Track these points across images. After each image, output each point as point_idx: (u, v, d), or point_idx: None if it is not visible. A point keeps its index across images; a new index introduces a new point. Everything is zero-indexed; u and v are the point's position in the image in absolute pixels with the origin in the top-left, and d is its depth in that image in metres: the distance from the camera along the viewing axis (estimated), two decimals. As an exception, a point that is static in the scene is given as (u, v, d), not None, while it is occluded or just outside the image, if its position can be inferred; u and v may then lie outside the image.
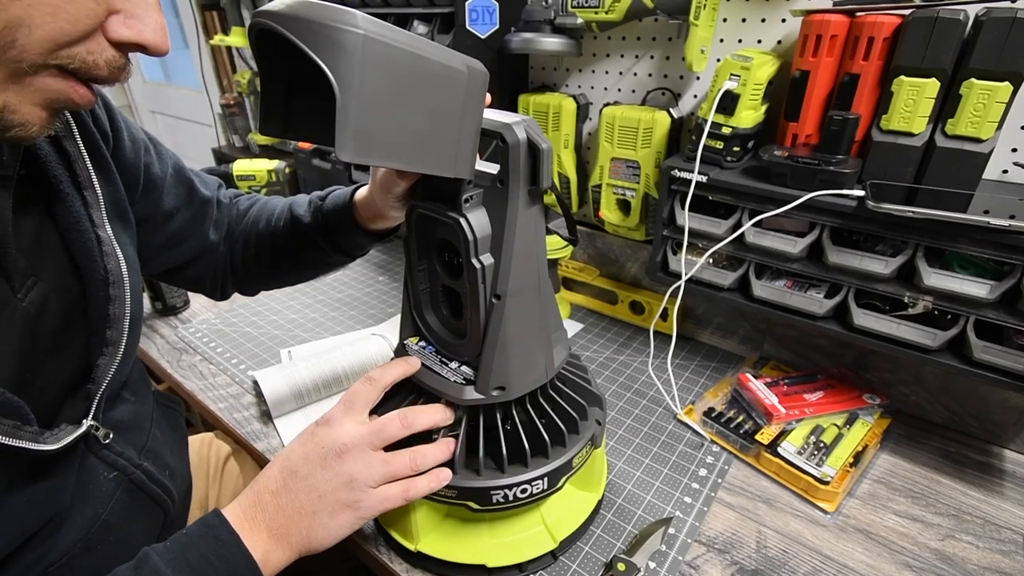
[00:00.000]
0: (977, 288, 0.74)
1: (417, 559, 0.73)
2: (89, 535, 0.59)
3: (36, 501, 0.53)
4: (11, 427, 0.48)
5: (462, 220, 0.58)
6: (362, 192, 0.76)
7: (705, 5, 0.88)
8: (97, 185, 0.59)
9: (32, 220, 0.55)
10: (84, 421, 0.58)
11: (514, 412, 0.69)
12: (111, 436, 0.62)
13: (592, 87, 1.18)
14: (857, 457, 0.86)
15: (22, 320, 0.52)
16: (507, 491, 0.66)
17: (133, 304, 0.61)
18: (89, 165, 0.58)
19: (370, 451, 0.60)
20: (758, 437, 0.89)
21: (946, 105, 0.74)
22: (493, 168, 0.58)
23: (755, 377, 0.99)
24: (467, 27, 1.09)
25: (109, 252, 0.59)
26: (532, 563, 0.72)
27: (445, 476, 0.63)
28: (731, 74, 0.85)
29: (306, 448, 0.59)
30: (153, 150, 0.75)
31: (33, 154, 0.54)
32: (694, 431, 0.95)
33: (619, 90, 1.14)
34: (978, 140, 0.72)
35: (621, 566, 0.71)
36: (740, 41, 0.97)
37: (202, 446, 0.97)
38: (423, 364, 0.69)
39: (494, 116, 0.57)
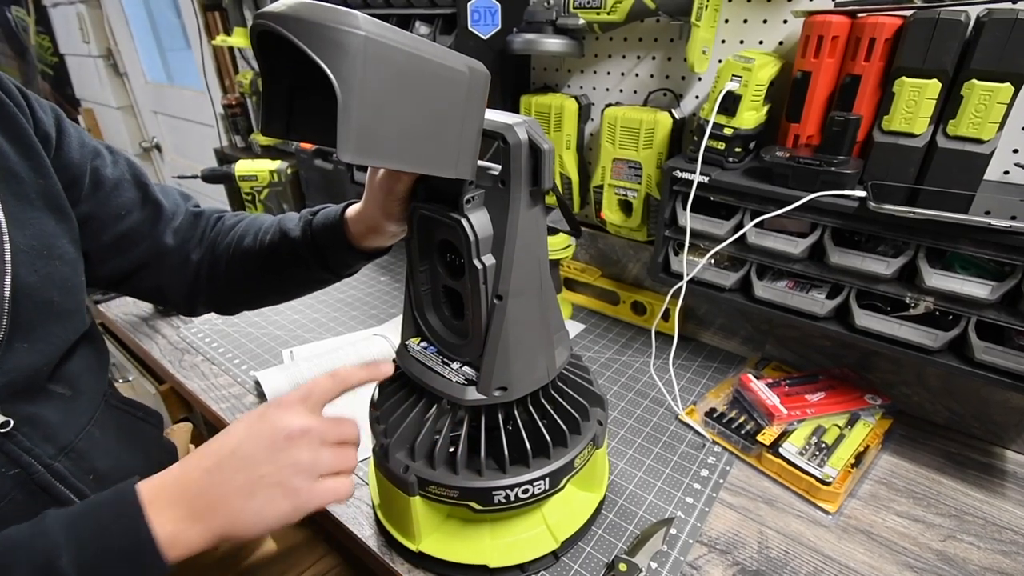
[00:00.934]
0: (978, 289, 0.74)
1: (419, 559, 0.73)
2: None
3: None
4: None
5: (464, 221, 0.58)
6: (354, 208, 0.75)
7: (707, 6, 0.88)
8: None
9: None
10: None
11: (516, 412, 0.69)
12: (12, 425, 0.59)
13: (594, 88, 1.18)
14: (859, 458, 0.86)
15: None
16: (509, 491, 0.66)
17: (43, 290, 0.61)
18: None
19: (319, 442, 0.56)
20: (759, 438, 0.89)
21: (947, 106, 0.74)
22: (495, 169, 0.58)
23: (757, 378, 0.99)
24: (469, 28, 1.09)
25: None
26: (534, 563, 0.72)
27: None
28: (733, 75, 0.86)
29: (252, 428, 0.55)
30: (109, 157, 0.75)
31: None
32: (696, 432, 0.95)
33: (621, 91, 1.15)
34: (979, 141, 0.72)
35: (623, 566, 0.71)
36: (742, 42, 0.97)
37: None
38: (424, 364, 0.69)
39: (496, 117, 0.57)
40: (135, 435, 0.78)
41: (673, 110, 1.02)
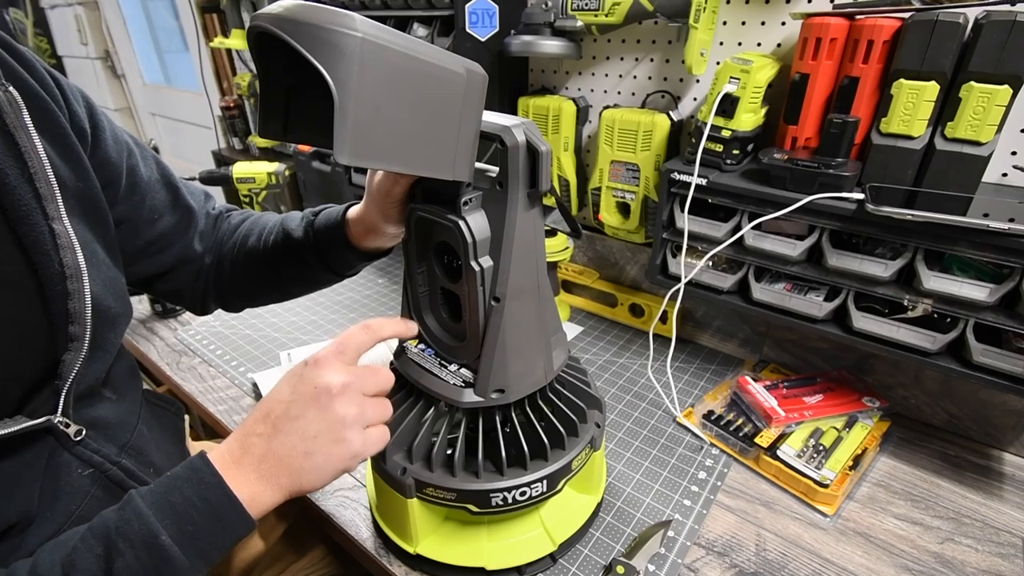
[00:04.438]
0: (976, 291, 0.74)
1: (416, 562, 0.73)
2: (63, 531, 0.58)
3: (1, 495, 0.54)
4: None
5: (461, 223, 0.58)
6: (355, 209, 0.76)
7: (705, 8, 0.88)
8: (52, 178, 0.57)
9: None
10: (50, 417, 0.57)
11: (513, 415, 0.69)
12: (84, 433, 0.62)
13: (592, 90, 1.18)
14: (856, 460, 0.86)
15: None
16: (506, 494, 0.66)
17: (101, 299, 0.60)
18: (43, 157, 0.56)
19: (361, 394, 0.59)
20: (757, 440, 0.89)
21: (945, 108, 0.74)
22: (492, 171, 0.58)
23: (754, 380, 0.98)
24: (467, 30, 1.09)
25: (65, 245, 0.57)
26: (531, 565, 0.72)
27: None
28: (731, 77, 0.86)
29: (297, 390, 0.57)
30: (138, 153, 0.74)
31: None
32: (693, 434, 0.95)
33: (619, 93, 1.14)
34: (977, 143, 0.72)
35: (620, 569, 0.71)
36: (740, 44, 0.97)
37: None
38: (421, 366, 0.69)
39: (493, 119, 0.57)
40: (170, 428, 0.81)
41: (671, 112, 1.02)
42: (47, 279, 0.56)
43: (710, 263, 0.94)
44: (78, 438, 0.61)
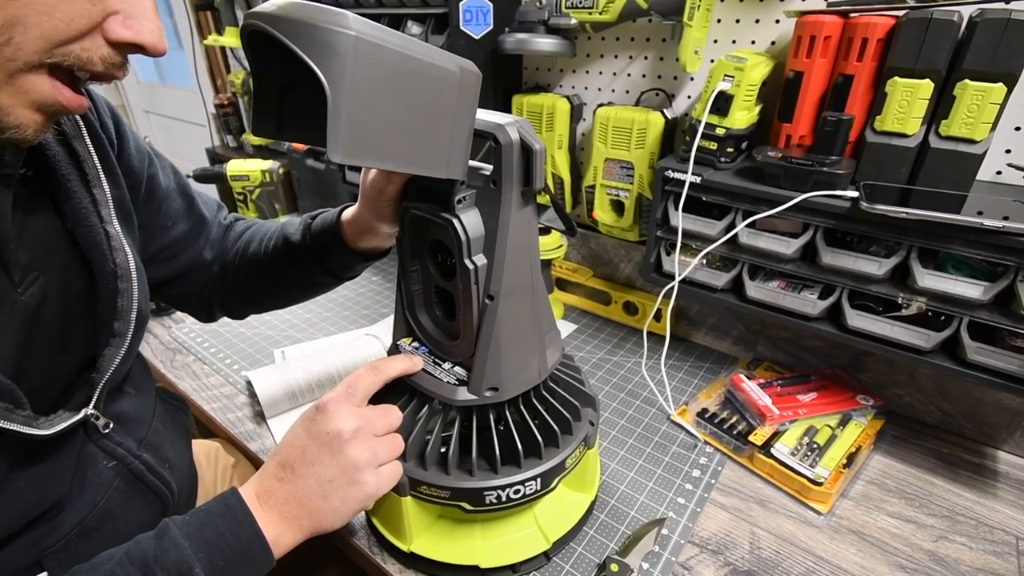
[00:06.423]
0: (971, 289, 0.74)
1: (410, 560, 0.73)
2: (87, 521, 0.61)
3: (36, 485, 0.56)
4: (3, 409, 0.50)
5: (455, 221, 0.58)
6: (350, 210, 0.77)
7: (699, 6, 0.88)
8: (105, 184, 0.61)
9: (39, 218, 0.58)
10: (84, 409, 0.59)
11: (507, 413, 0.68)
12: (111, 426, 0.64)
13: (586, 88, 1.18)
14: (850, 458, 0.86)
15: (21, 312, 0.54)
16: (500, 492, 0.66)
17: (141, 299, 0.64)
18: (98, 164, 0.61)
19: (371, 436, 0.62)
20: (751, 438, 0.89)
21: (940, 106, 0.74)
22: (486, 169, 0.58)
23: (748, 378, 0.99)
24: (461, 28, 1.08)
25: (118, 247, 0.61)
26: (525, 564, 0.72)
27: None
28: (725, 75, 0.86)
29: (311, 434, 0.61)
30: (158, 163, 0.77)
31: (41, 154, 0.57)
32: (687, 432, 0.95)
33: (613, 91, 1.14)
34: (972, 141, 0.72)
35: (614, 567, 0.71)
36: (734, 42, 0.97)
37: (209, 453, 0.98)
38: (416, 365, 0.69)
39: (487, 117, 0.57)
40: (181, 425, 0.84)
41: (665, 110, 1.02)
42: (101, 277, 0.60)
43: (704, 261, 0.94)
44: (106, 431, 0.63)
